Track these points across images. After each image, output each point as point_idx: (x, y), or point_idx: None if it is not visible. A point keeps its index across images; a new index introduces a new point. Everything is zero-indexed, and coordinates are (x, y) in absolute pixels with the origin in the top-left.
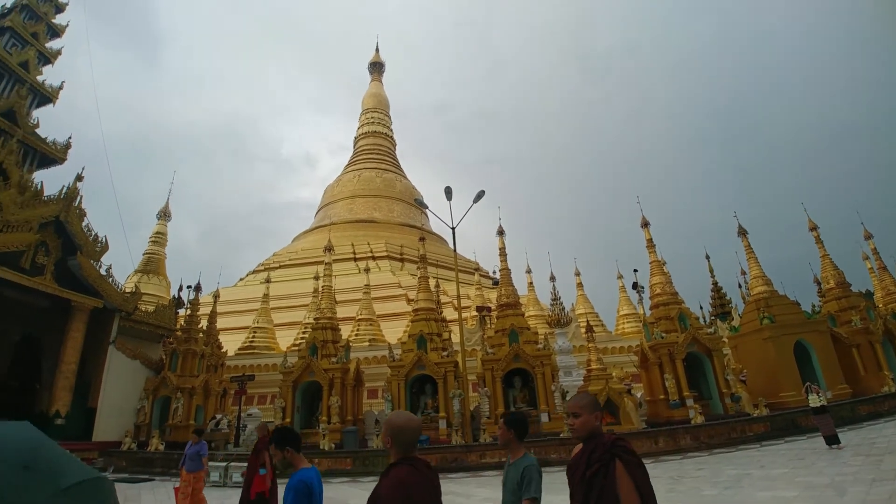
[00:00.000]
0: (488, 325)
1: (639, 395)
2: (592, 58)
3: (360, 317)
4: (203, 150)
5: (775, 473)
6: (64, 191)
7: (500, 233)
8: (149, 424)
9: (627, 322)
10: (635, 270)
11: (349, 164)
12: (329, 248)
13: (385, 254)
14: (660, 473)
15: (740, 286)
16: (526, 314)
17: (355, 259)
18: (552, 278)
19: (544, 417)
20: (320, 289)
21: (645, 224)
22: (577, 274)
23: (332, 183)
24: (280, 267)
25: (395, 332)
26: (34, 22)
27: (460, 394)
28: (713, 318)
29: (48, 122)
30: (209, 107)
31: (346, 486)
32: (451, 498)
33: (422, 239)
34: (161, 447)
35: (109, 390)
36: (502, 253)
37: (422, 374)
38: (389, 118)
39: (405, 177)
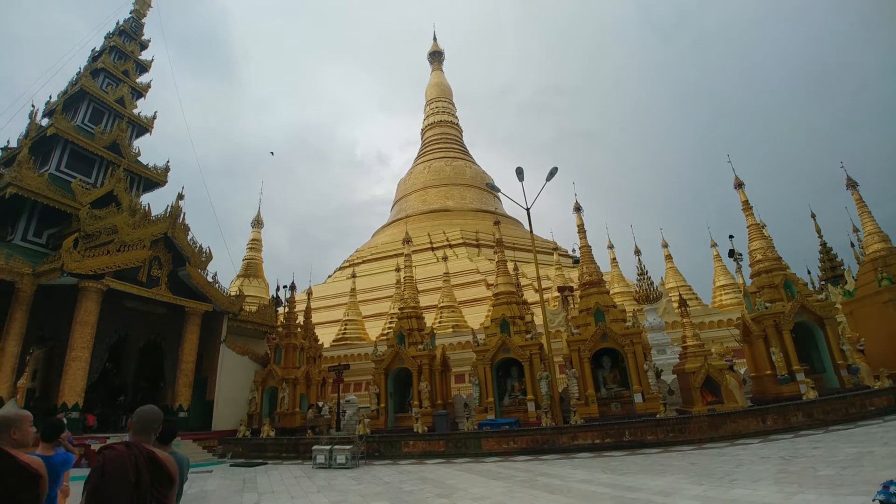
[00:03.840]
0: (571, 306)
1: (742, 371)
2: (664, 15)
3: (441, 304)
4: (284, 162)
5: None
6: (168, 210)
7: (577, 209)
8: (259, 413)
9: (725, 293)
10: (731, 236)
11: (419, 157)
12: (407, 241)
13: (461, 241)
14: (769, 454)
15: (853, 245)
16: (611, 291)
17: (432, 248)
18: (637, 252)
19: (638, 398)
20: (402, 280)
21: (739, 184)
22: (665, 245)
23: (404, 177)
24: (363, 262)
25: (476, 317)
26: (123, 61)
27: (547, 376)
28: (823, 283)
29: (146, 150)
30: (285, 121)
31: (442, 467)
32: (546, 479)
33: (496, 223)
34: (272, 433)
35: (224, 384)
36: (581, 230)
37: (507, 358)
38: (453, 106)
39: (474, 163)
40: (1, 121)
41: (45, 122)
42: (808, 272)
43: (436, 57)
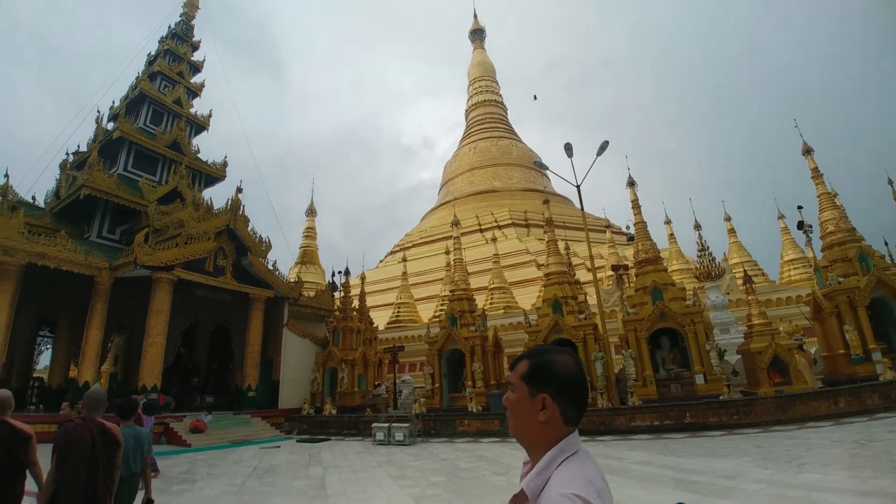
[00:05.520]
0: (626, 284)
1: (812, 350)
2: None
3: (492, 286)
4: (334, 153)
5: None
6: (229, 203)
7: (631, 184)
8: (321, 392)
9: (794, 268)
10: (800, 207)
11: (464, 138)
12: (455, 223)
13: (509, 221)
14: (841, 437)
15: None
16: (669, 269)
17: (481, 230)
18: (697, 227)
19: (699, 379)
20: (452, 262)
21: (807, 151)
22: (728, 219)
23: (449, 160)
24: (413, 246)
25: (527, 298)
26: (177, 63)
27: (602, 356)
28: None
29: (203, 148)
30: (333, 113)
31: (497, 445)
32: (602, 460)
33: (545, 202)
34: (333, 411)
35: (287, 365)
36: (635, 205)
37: (560, 339)
38: (497, 84)
39: (521, 141)
40: (70, 128)
41: (110, 125)
42: (886, 243)
43: (477, 35)
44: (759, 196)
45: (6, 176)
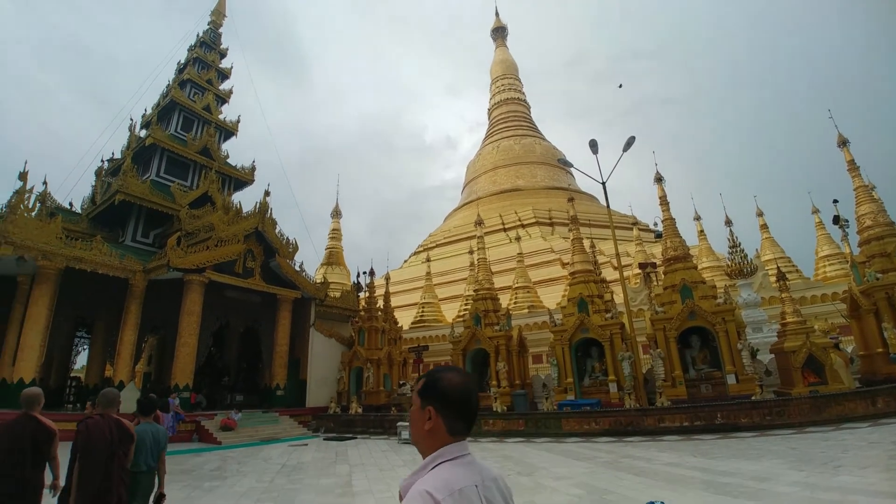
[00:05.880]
0: (654, 283)
1: (849, 349)
2: None
3: (516, 285)
4: (357, 153)
5: None
6: (257, 206)
7: (659, 179)
8: (347, 391)
9: (830, 264)
10: (835, 201)
11: (486, 137)
12: (479, 222)
13: (533, 220)
14: (879, 438)
15: None
16: (699, 266)
17: (504, 229)
18: (728, 223)
19: (731, 379)
20: (475, 262)
21: (843, 142)
22: (760, 214)
23: (472, 159)
24: (436, 246)
25: (552, 297)
26: (206, 70)
27: (630, 356)
28: None
29: (232, 152)
30: (356, 114)
31: (522, 445)
32: (630, 461)
33: (570, 199)
34: (359, 410)
35: (314, 365)
36: (663, 201)
37: (586, 338)
38: (520, 82)
39: (544, 139)
40: (104, 136)
41: (142, 133)
42: None
43: (499, 33)
44: (793, 191)
45: (44, 183)
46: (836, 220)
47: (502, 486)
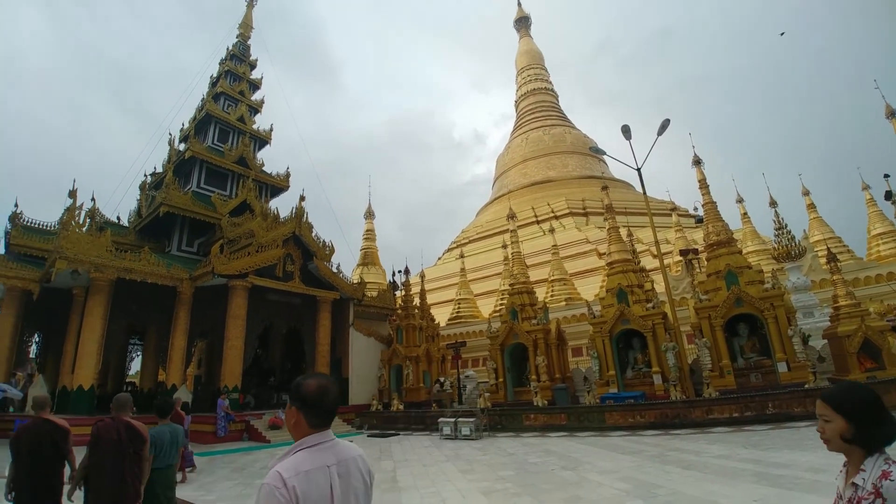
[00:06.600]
0: (697, 270)
1: None
2: None
3: (552, 278)
4: (388, 154)
5: None
6: (293, 211)
7: (697, 162)
8: (388, 389)
9: (883, 242)
10: (886, 176)
11: (515, 130)
12: (511, 216)
13: (567, 211)
14: None
15: None
16: (744, 251)
17: (538, 222)
18: (772, 203)
19: (782, 367)
20: (510, 256)
21: (892, 114)
22: (806, 193)
23: (501, 153)
24: (469, 242)
25: (590, 288)
26: (238, 82)
27: (674, 346)
28: None
29: (266, 159)
30: (385, 116)
31: (565, 440)
32: (678, 455)
33: (604, 188)
34: (400, 407)
35: (355, 363)
36: (703, 185)
37: (627, 329)
38: (546, 72)
39: (574, 127)
40: (146, 151)
41: (181, 146)
42: None
43: (522, 23)
44: (841, 167)
45: (93, 199)
46: (889, 195)
47: (360, 465)
